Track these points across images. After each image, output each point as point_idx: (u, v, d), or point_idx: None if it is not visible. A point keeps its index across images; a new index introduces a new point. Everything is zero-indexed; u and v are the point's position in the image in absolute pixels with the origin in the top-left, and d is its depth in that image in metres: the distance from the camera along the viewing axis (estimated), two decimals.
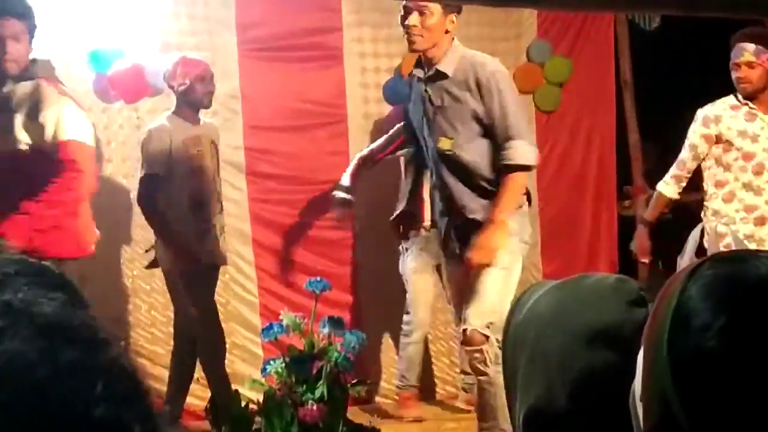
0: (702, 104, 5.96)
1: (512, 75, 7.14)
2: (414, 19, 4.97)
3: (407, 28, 5.01)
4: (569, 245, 7.41)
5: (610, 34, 7.55)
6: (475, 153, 5.05)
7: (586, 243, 7.50)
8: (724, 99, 5.94)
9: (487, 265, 4.94)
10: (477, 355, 4.66)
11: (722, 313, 1.25)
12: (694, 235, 5.86)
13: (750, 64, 5.83)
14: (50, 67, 4.97)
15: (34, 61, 4.88)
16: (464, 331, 4.92)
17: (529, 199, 5.25)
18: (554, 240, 7.42)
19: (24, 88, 4.82)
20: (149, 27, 6.34)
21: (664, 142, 7.02)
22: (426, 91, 5.11)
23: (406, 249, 6.40)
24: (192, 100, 5.72)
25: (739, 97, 5.90)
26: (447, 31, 5.05)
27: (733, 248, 5.37)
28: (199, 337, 5.64)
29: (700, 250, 5.74)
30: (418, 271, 6.39)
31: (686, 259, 5.61)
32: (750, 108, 5.87)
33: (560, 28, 7.44)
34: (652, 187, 6.31)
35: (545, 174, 7.21)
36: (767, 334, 1.24)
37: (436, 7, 4.99)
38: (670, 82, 5.97)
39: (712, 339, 1.24)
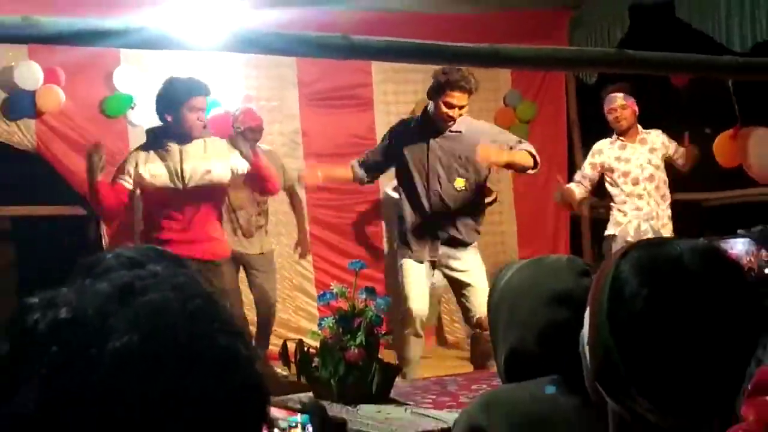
0: None
1: (493, 116, 7.20)
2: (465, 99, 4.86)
3: (453, 107, 4.86)
4: (538, 236, 7.39)
5: (563, 85, 7.54)
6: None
7: (550, 234, 7.48)
8: (606, 138, 6.06)
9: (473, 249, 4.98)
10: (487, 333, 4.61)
11: (646, 284, 1.24)
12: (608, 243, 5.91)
13: (623, 107, 5.87)
14: None
15: None
16: (476, 318, 4.91)
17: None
18: (527, 233, 7.43)
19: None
20: (235, 83, 6.35)
21: None
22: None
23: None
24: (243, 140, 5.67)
25: (614, 135, 5.99)
26: None
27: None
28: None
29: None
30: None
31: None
32: (621, 140, 5.96)
33: (528, 79, 7.41)
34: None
35: (519, 187, 7.24)
36: (677, 299, 1.23)
37: None
38: (605, 122, 6.00)
39: (640, 304, 1.23)
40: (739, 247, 2.63)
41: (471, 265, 5.06)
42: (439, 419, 2.97)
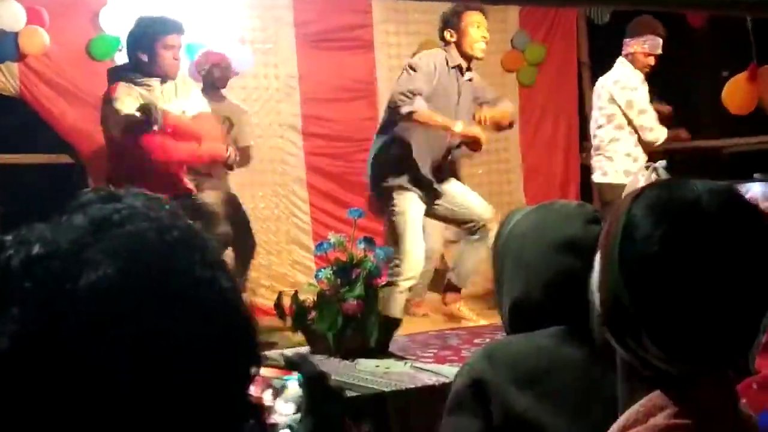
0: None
1: (500, 59, 7.14)
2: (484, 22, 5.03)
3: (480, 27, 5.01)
4: (545, 186, 7.34)
5: (573, 26, 7.46)
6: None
7: (558, 184, 7.43)
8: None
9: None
10: None
11: (660, 225, 1.22)
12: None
13: (657, 57, 5.73)
14: None
15: None
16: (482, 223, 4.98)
17: None
18: (533, 179, 7.37)
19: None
20: (230, 25, 6.27)
21: None
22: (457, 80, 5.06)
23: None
24: (210, 82, 5.61)
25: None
26: None
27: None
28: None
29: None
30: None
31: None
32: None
33: (536, 20, 7.33)
34: None
35: (526, 133, 7.18)
36: (693, 241, 1.20)
37: None
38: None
39: (653, 246, 1.21)
40: (756, 189, 2.60)
41: (454, 186, 5.17)
42: (440, 373, 2.97)
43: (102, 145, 4.98)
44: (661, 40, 5.69)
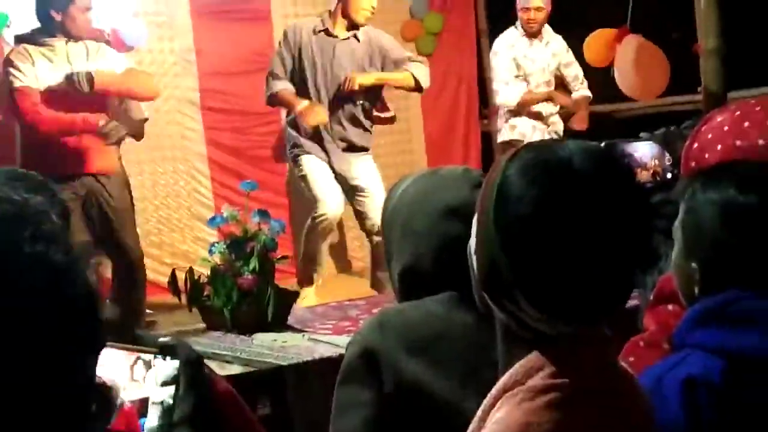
0: None
1: (399, 28, 7.12)
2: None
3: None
4: (447, 154, 7.36)
5: None
6: None
7: (460, 150, 7.47)
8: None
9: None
10: None
11: (533, 186, 1.22)
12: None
13: (539, 9, 5.83)
14: None
15: None
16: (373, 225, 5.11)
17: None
18: (434, 147, 7.39)
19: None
20: None
21: None
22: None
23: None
24: None
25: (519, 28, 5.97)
26: None
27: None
28: None
29: None
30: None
31: None
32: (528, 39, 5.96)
33: None
34: None
35: (427, 101, 7.17)
36: (566, 201, 1.21)
37: None
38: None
39: (527, 206, 1.21)
40: (643, 149, 2.64)
41: (363, 171, 5.25)
42: (338, 345, 2.96)
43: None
44: None
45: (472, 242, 1.32)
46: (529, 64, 5.95)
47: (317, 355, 2.97)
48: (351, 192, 5.31)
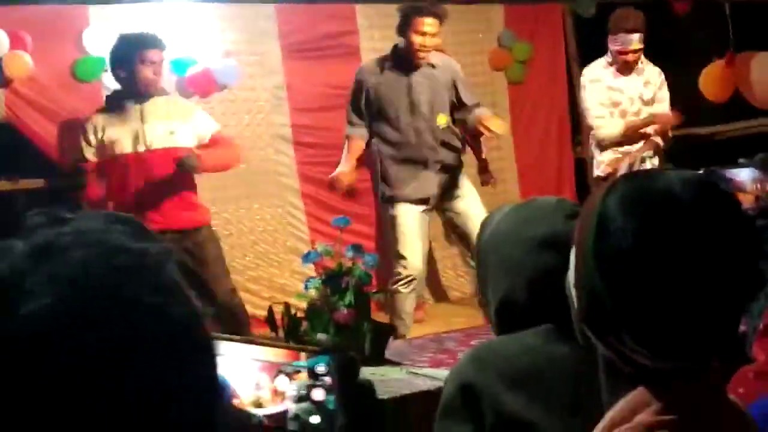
0: None
1: (487, 57, 7.11)
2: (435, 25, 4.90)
3: (424, 34, 4.90)
4: (540, 181, 7.30)
5: (560, 22, 7.44)
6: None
7: (553, 179, 7.40)
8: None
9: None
10: None
11: (634, 218, 1.19)
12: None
13: (637, 51, 5.70)
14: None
15: None
16: None
17: None
18: (527, 177, 7.33)
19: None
20: (213, 39, 6.25)
21: None
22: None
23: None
24: None
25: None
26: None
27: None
28: None
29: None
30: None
31: None
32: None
33: (521, 19, 7.30)
34: None
35: (518, 130, 7.14)
36: (668, 233, 1.17)
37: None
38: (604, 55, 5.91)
39: (627, 239, 1.18)
40: (743, 175, 2.58)
41: (464, 192, 5.17)
42: (436, 378, 2.94)
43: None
44: (634, 35, 5.64)
45: (571, 276, 1.29)
46: (618, 94, 5.81)
47: (416, 389, 2.95)
48: (451, 216, 5.22)
